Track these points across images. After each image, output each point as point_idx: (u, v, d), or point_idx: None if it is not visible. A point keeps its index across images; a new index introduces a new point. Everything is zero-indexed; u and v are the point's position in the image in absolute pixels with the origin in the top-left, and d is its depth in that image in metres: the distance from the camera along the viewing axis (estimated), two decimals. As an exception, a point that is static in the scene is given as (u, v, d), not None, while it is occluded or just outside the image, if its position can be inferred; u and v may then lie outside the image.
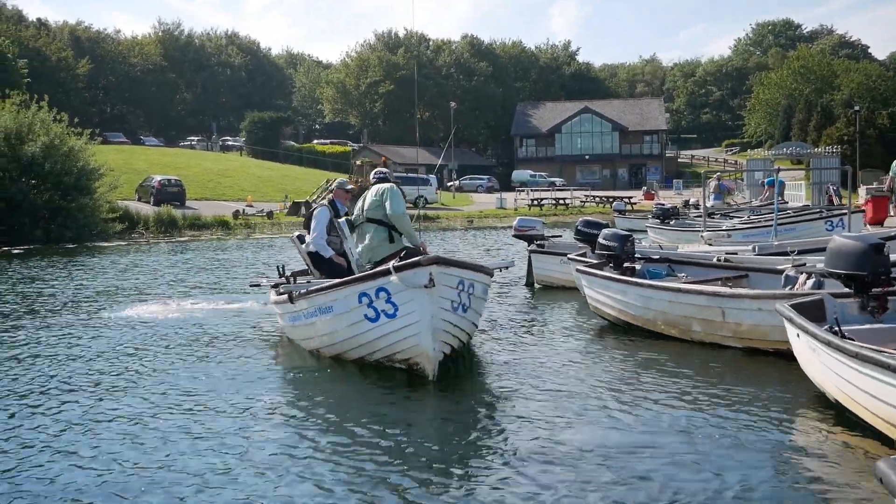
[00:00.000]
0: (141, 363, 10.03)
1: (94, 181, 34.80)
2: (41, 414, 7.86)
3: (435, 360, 8.60)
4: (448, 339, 8.91)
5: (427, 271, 8.31)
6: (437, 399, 8.32)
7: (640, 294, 11.21)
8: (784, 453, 6.42)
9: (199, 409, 7.92)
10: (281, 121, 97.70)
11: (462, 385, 8.96)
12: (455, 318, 8.91)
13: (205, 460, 6.45)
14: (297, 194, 52.30)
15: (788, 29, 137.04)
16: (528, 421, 7.36)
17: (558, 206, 56.89)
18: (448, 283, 8.61)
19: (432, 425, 7.48)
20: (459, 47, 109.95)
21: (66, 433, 7.24)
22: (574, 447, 6.59)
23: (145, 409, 7.94)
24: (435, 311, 8.50)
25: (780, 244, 15.27)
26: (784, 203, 29.33)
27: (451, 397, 8.39)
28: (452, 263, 8.83)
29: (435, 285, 8.32)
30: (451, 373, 9.09)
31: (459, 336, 9.28)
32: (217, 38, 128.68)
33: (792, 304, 8.11)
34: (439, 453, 6.57)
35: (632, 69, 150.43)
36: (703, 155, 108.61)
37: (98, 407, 8.07)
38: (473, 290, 9.12)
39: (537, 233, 17.60)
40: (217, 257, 26.53)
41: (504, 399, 8.24)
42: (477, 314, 9.79)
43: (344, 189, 12.20)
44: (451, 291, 8.70)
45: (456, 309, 8.85)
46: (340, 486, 5.90)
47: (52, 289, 18.00)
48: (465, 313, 9.09)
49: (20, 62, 72.77)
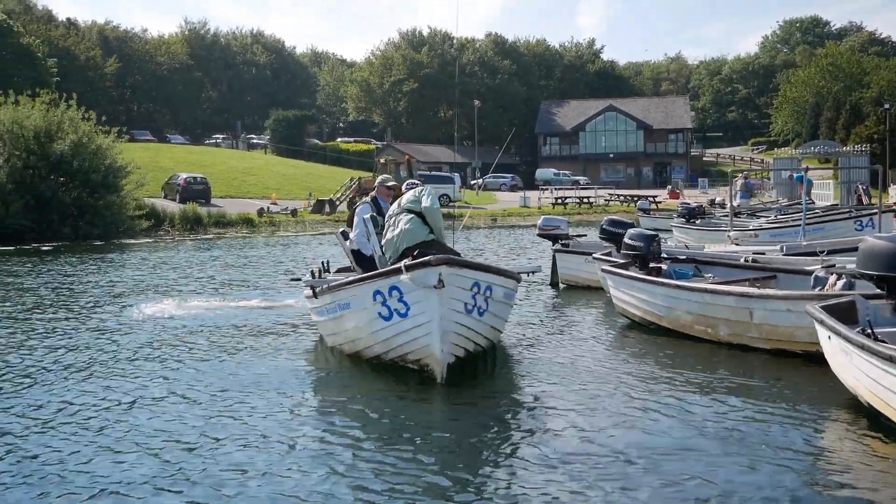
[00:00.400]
0: (176, 360, 10.09)
1: (121, 179, 35.03)
2: (78, 408, 7.93)
3: (443, 362, 8.44)
4: (460, 342, 8.73)
5: (437, 272, 8.16)
6: (456, 397, 8.25)
7: (666, 294, 11.13)
8: (815, 457, 6.36)
9: (230, 406, 7.96)
10: (305, 119, 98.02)
11: (486, 385, 8.94)
12: (469, 320, 8.74)
13: (232, 458, 6.48)
14: (321, 192, 52.41)
15: (817, 26, 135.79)
16: (553, 422, 7.33)
17: (582, 204, 56.67)
18: (460, 284, 8.45)
19: (453, 425, 7.43)
20: (483, 45, 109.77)
21: (105, 429, 7.30)
22: (600, 448, 6.56)
23: (178, 405, 8.00)
24: (444, 312, 8.33)
25: (808, 244, 15.13)
26: (811, 203, 29.09)
27: (473, 396, 8.34)
28: (465, 265, 8.68)
29: (444, 286, 8.17)
30: (471, 372, 9.08)
31: (475, 339, 9.08)
32: (242, 36, 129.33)
33: (823, 305, 8.02)
34: (461, 454, 6.55)
35: (657, 67, 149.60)
36: (728, 153, 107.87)
37: (135, 402, 8.14)
38: (491, 294, 8.92)
39: (562, 232, 17.51)
40: (246, 254, 26.62)
41: (529, 400, 8.22)
42: (497, 318, 9.57)
43: (386, 186, 11.97)
44: (463, 293, 8.53)
45: (470, 311, 8.68)
46: (376, 483, 5.90)
47: (86, 285, 18.13)
48: (482, 316, 8.90)
49: (50, 61, 73.46)
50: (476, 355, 9.33)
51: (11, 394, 8.60)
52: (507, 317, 10.32)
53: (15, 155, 31.99)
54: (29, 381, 9.16)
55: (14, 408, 8.05)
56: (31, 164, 32.05)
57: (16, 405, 8.14)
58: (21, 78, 60.93)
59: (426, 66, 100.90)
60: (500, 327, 9.98)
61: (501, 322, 9.99)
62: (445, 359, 8.44)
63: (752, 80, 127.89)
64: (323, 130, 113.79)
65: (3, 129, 32.62)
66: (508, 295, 9.76)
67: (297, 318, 12.98)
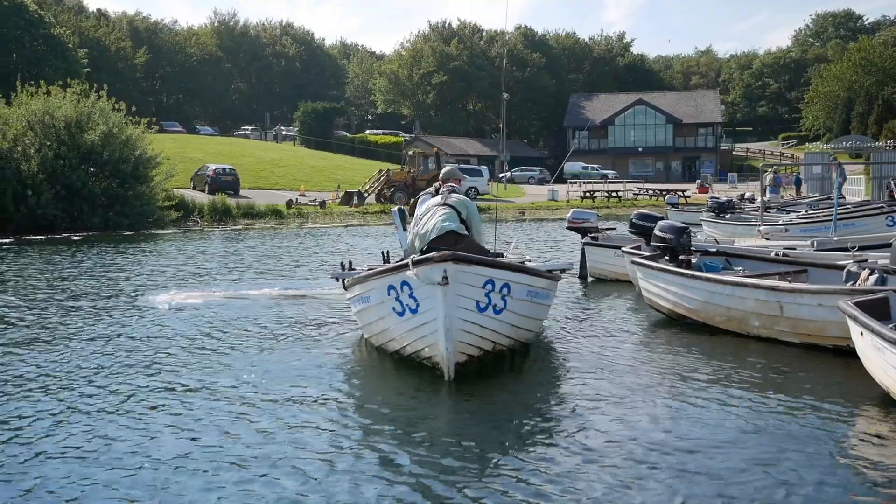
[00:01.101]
0: (209, 351, 10.17)
1: (150, 169, 35.31)
2: (109, 394, 8.02)
3: (448, 360, 8.17)
4: (471, 341, 8.38)
5: (441, 268, 7.89)
6: (485, 391, 8.20)
7: (696, 287, 11.06)
8: (847, 453, 6.30)
9: (246, 398, 7.99)
10: (334, 111, 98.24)
11: (514, 379, 8.91)
12: (483, 318, 8.38)
13: (232, 451, 6.51)
14: (350, 184, 52.56)
15: (850, 20, 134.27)
16: (582, 416, 7.31)
17: (611, 198, 56.45)
18: (469, 281, 8.13)
19: (480, 419, 7.40)
20: (513, 38, 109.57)
21: (130, 424, 7.37)
22: (631, 442, 6.54)
23: (200, 398, 8.06)
24: (449, 309, 8.03)
25: (839, 239, 14.97)
26: (842, 198, 28.78)
27: (500, 390, 8.32)
28: (474, 261, 8.27)
29: (449, 283, 7.89)
30: (500, 366, 9.03)
31: (493, 339, 8.66)
32: (272, 28, 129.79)
33: (856, 301, 7.94)
34: (488, 448, 6.54)
35: (687, 61, 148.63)
36: (758, 148, 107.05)
37: (164, 396, 8.21)
38: (510, 292, 8.53)
39: (591, 225, 17.44)
40: (284, 244, 26.67)
41: (557, 393, 8.22)
42: (523, 317, 9.15)
43: (456, 178, 11.44)
44: (473, 290, 8.20)
45: (484, 309, 8.34)
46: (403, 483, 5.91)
47: (127, 274, 18.29)
48: (500, 314, 8.53)
49: (80, 52, 74.05)
50: (505, 353, 9.12)
51: (59, 385, 8.69)
52: (538, 315, 9.90)
53: (46, 145, 32.33)
54: (76, 370, 9.26)
55: (63, 397, 8.14)
56: (62, 154, 32.37)
57: (68, 396, 8.24)
58: (52, 68, 61.49)
59: (455, 58, 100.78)
60: (528, 326, 9.55)
61: (531, 321, 9.57)
62: (452, 358, 8.17)
63: (783, 74, 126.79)
64: (351, 122, 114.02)
65: (34, 120, 32.96)
66: (536, 293, 9.31)
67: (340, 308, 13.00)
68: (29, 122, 32.86)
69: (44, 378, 8.75)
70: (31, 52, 67.08)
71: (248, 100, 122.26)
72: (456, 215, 9.82)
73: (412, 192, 47.34)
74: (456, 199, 10.06)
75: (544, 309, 10.17)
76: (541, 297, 9.61)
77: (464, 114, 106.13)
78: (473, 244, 9.76)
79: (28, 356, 9.79)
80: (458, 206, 9.96)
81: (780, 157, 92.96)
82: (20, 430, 7.00)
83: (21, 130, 32.50)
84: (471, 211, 10.06)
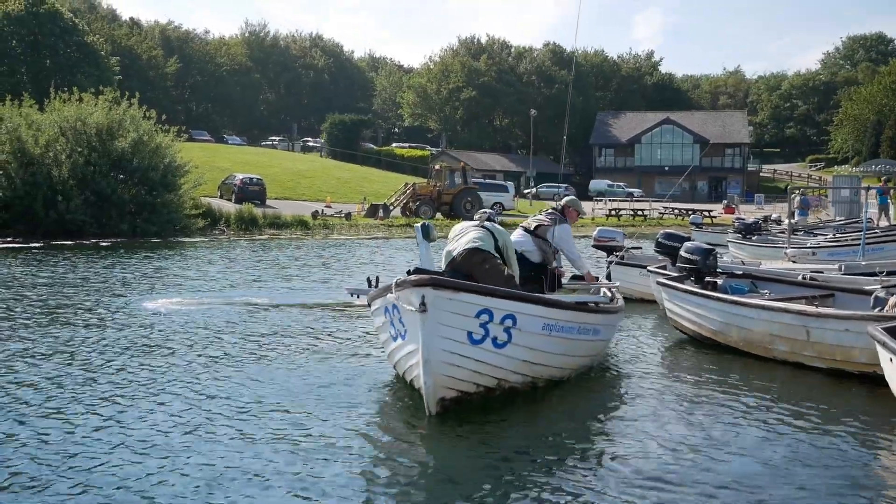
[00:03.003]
0: (233, 359, 10.24)
1: (179, 178, 35.52)
2: (130, 403, 8.09)
3: (428, 395, 7.36)
4: (461, 375, 7.49)
5: (419, 293, 7.07)
6: (502, 410, 8.01)
7: (721, 309, 11.01)
8: (875, 482, 6.27)
9: (251, 411, 7.99)
10: (361, 123, 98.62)
11: (536, 395, 8.87)
12: (477, 351, 7.48)
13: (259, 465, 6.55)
14: (376, 196, 52.68)
15: (881, 43, 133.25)
16: (602, 439, 7.32)
17: (636, 217, 56.27)
18: (454, 309, 7.24)
19: (500, 440, 7.39)
20: (541, 55, 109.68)
21: (145, 433, 7.43)
22: (652, 464, 6.53)
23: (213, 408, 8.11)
24: (430, 339, 7.18)
25: (868, 264, 14.87)
26: (870, 222, 28.57)
27: (521, 410, 8.17)
28: (461, 288, 7.37)
29: (427, 310, 7.07)
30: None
31: (496, 375, 7.78)
32: (301, 39, 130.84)
33: (885, 327, 7.88)
34: (504, 470, 6.54)
35: (715, 81, 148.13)
36: (785, 170, 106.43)
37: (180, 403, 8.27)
38: (516, 324, 7.63)
39: (617, 244, 17.37)
40: (320, 255, 26.80)
41: (578, 414, 8.18)
42: (541, 353, 8.16)
43: (577, 210, 11.55)
44: (462, 320, 7.32)
45: (478, 341, 7.45)
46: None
47: (168, 279, 18.44)
48: (503, 349, 7.65)
49: (112, 60, 74.83)
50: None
51: (79, 384, 8.78)
52: (567, 352, 8.70)
53: (77, 151, 32.62)
54: (95, 373, 9.35)
55: (83, 396, 8.23)
56: (93, 160, 32.63)
57: (90, 396, 8.32)
58: (84, 75, 62.14)
59: (484, 73, 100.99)
60: (557, 364, 8.57)
61: (561, 358, 8.59)
62: (433, 392, 7.34)
63: (812, 96, 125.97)
64: (378, 135, 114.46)
65: (66, 126, 33.27)
66: (561, 327, 8.31)
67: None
68: (61, 128, 33.18)
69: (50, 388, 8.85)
70: (64, 58, 67.91)
71: (276, 110, 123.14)
72: (490, 238, 9.38)
73: (437, 205, 47.42)
74: (492, 225, 9.68)
75: (585, 345, 9.11)
76: (574, 332, 8.62)
77: (490, 129, 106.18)
78: (498, 270, 9.18)
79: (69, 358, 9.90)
80: (495, 231, 9.55)
81: (807, 179, 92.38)
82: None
83: (53, 136, 32.83)
84: (507, 241, 9.58)
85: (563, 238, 10.92)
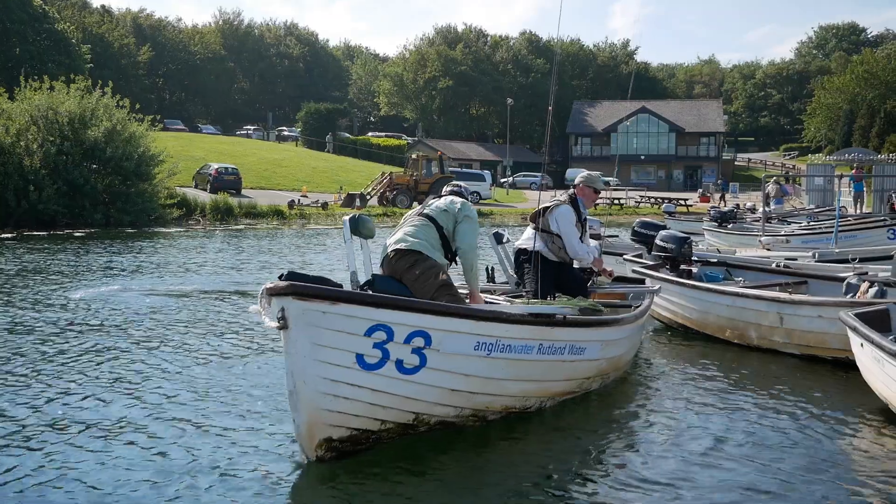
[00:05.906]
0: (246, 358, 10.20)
1: (153, 167, 35.24)
2: (117, 395, 8.04)
3: (303, 435, 5.80)
4: (350, 409, 5.83)
5: (277, 304, 5.53)
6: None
7: (696, 297, 11.09)
8: (846, 465, 6.31)
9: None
10: (336, 112, 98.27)
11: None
12: (370, 379, 5.83)
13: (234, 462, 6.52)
14: (352, 186, 52.55)
15: (853, 33, 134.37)
16: (576, 426, 7.33)
17: (613, 205, 56.49)
18: (334, 325, 5.60)
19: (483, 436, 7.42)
20: (517, 44, 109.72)
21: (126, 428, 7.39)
22: (623, 453, 6.59)
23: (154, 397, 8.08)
24: (299, 364, 5.62)
25: (840, 251, 15.01)
26: (843, 210, 28.80)
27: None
28: (343, 298, 5.65)
29: (288, 327, 5.52)
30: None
31: (401, 406, 6.09)
32: (276, 28, 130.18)
33: (856, 312, 7.98)
34: (509, 465, 6.56)
35: (690, 70, 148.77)
36: (760, 158, 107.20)
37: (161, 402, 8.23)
38: (433, 343, 5.99)
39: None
40: (309, 246, 26.72)
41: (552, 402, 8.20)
42: (469, 378, 6.36)
43: (594, 188, 9.79)
44: (346, 339, 5.68)
45: (373, 366, 5.80)
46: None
47: (157, 268, 18.30)
48: (412, 374, 5.99)
49: (83, 48, 74.10)
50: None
51: (50, 376, 8.72)
52: (527, 377, 6.95)
53: (49, 140, 32.27)
54: (67, 367, 9.28)
55: (50, 395, 8.17)
56: (65, 150, 32.29)
57: (57, 393, 8.26)
58: (55, 64, 61.51)
59: (460, 63, 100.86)
60: (497, 391, 6.69)
61: (501, 384, 6.69)
62: (308, 432, 5.77)
63: (786, 85, 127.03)
64: (354, 124, 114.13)
65: (37, 115, 32.90)
66: (497, 346, 6.43)
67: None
68: (32, 117, 32.82)
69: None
70: (34, 46, 67.19)
71: (250, 99, 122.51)
72: (430, 230, 7.41)
73: (414, 195, 47.37)
74: (438, 208, 7.62)
75: (561, 367, 7.33)
76: (534, 353, 6.84)
77: (467, 118, 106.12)
78: (428, 275, 7.12)
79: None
80: (439, 216, 7.51)
81: (781, 167, 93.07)
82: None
83: (24, 125, 32.47)
84: (460, 223, 7.47)
85: (561, 223, 9.32)
